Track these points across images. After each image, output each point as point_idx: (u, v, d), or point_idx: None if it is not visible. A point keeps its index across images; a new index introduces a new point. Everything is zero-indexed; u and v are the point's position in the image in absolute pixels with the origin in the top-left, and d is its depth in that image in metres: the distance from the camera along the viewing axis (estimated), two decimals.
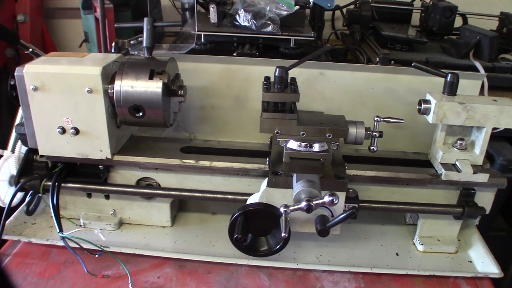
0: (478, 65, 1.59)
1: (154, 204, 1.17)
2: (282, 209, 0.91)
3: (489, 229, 1.24)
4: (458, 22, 1.91)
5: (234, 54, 1.52)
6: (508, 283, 1.31)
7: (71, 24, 2.30)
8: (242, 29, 1.57)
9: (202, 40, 1.59)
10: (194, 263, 1.10)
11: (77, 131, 1.05)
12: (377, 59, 1.60)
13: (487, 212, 1.12)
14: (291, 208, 0.90)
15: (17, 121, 1.70)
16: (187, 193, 1.11)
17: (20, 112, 1.70)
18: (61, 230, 1.06)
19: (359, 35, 1.85)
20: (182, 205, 1.26)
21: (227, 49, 1.58)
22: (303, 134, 1.03)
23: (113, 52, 1.17)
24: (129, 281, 1.02)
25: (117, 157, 1.10)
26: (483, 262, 1.11)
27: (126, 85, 1.02)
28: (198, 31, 1.54)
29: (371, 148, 1.06)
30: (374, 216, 1.26)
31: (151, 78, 1.01)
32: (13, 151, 1.69)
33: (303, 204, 0.89)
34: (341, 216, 0.93)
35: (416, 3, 2.06)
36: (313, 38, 1.58)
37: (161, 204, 1.17)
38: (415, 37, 1.79)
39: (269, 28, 1.55)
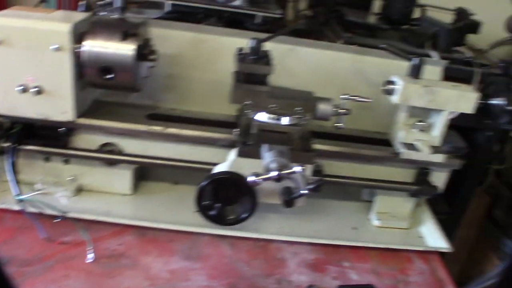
0: (434, 54, 1.66)
1: (115, 170, 1.14)
2: (251, 178, 0.91)
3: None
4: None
5: None
6: None
7: None
8: (209, 1, 1.55)
9: (168, 9, 1.55)
10: (155, 231, 1.09)
11: (39, 91, 1.01)
12: (340, 42, 1.63)
13: (440, 191, 1.19)
14: (262, 177, 0.90)
15: None
16: (153, 160, 1.09)
17: None
18: (19, 193, 1.02)
19: (323, 17, 1.87)
20: (143, 174, 1.23)
21: (192, 21, 1.55)
22: (273, 107, 1.04)
23: (81, 11, 1.12)
24: (89, 248, 1.00)
25: (81, 120, 1.06)
26: (433, 238, 1.19)
27: (97, 45, 0.98)
28: None
29: (338, 125, 1.09)
30: (332, 192, 1.29)
31: (124, 39, 0.98)
32: None
33: (274, 173, 0.90)
34: (308, 187, 0.94)
35: None
36: (281, 16, 1.59)
37: (123, 171, 1.14)
38: (377, 24, 1.84)
39: (238, 2, 1.54)
